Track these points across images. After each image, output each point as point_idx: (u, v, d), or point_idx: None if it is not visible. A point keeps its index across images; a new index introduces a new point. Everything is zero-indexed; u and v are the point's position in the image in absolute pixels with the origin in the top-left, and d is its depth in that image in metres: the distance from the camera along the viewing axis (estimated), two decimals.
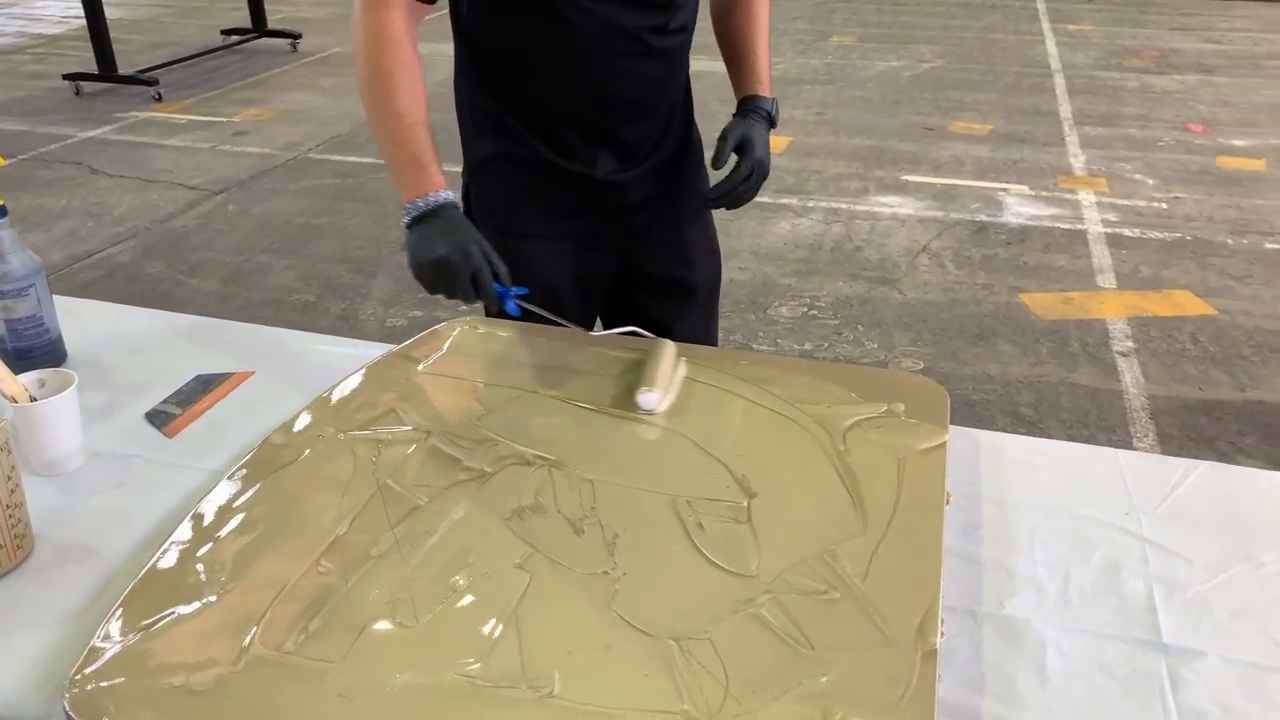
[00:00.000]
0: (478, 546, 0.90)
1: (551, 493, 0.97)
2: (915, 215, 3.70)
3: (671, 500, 0.95)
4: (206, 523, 0.93)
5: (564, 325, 1.23)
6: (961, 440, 1.11)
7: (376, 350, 1.26)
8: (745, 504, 0.95)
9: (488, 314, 1.29)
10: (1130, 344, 2.77)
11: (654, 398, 1.09)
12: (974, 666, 0.84)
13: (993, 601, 0.91)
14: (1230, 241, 3.43)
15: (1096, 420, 2.42)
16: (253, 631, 0.80)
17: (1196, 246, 3.38)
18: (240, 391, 1.23)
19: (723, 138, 1.32)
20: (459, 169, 1.36)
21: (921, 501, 0.95)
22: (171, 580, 0.87)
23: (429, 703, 0.75)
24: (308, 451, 1.03)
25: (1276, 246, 3.38)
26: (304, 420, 1.09)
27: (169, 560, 0.89)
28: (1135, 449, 2.29)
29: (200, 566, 0.88)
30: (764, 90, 1.38)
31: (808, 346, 2.78)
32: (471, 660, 0.78)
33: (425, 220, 1.15)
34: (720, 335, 1.61)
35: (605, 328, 1.36)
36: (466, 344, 1.25)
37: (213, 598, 0.84)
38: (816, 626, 0.81)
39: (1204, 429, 2.40)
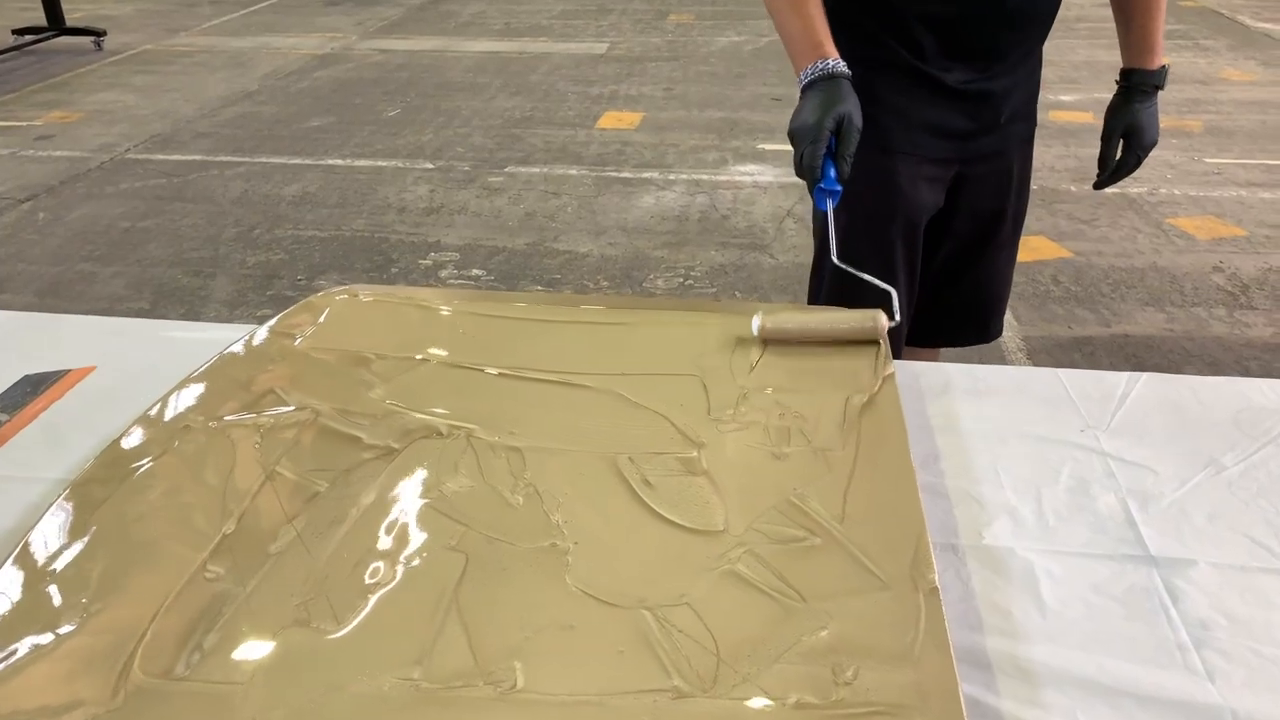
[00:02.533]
0: (399, 532, 0.76)
1: (475, 464, 0.84)
2: (776, 182, 3.68)
3: (611, 460, 0.84)
4: (56, 537, 0.76)
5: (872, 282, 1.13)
6: (901, 373, 1.04)
7: (235, 332, 1.10)
8: (695, 454, 0.85)
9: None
10: None
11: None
12: (967, 603, 0.76)
13: (970, 533, 0.84)
14: (1074, 189, 3.56)
15: (979, 362, 2.43)
16: (129, 657, 0.65)
17: (1044, 195, 3.49)
18: (80, 390, 1.04)
19: (1109, 131, 1.38)
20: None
21: (882, 435, 0.88)
22: (18, 611, 0.70)
23: (370, 717, 0.61)
24: (176, 444, 0.87)
25: (1114, 191, 3.52)
26: (165, 410, 0.92)
27: (10, 585, 0.72)
28: None
29: (53, 589, 0.71)
30: (1155, 61, 1.34)
31: None
32: (413, 662, 0.65)
33: (813, 87, 1.14)
34: None
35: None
36: (347, 313, 1.10)
37: (72, 625, 0.68)
38: (802, 577, 0.71)
39: (1078, 364, 2.45)
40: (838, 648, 0.65)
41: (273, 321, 1.08)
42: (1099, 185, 1.45)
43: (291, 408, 0.92)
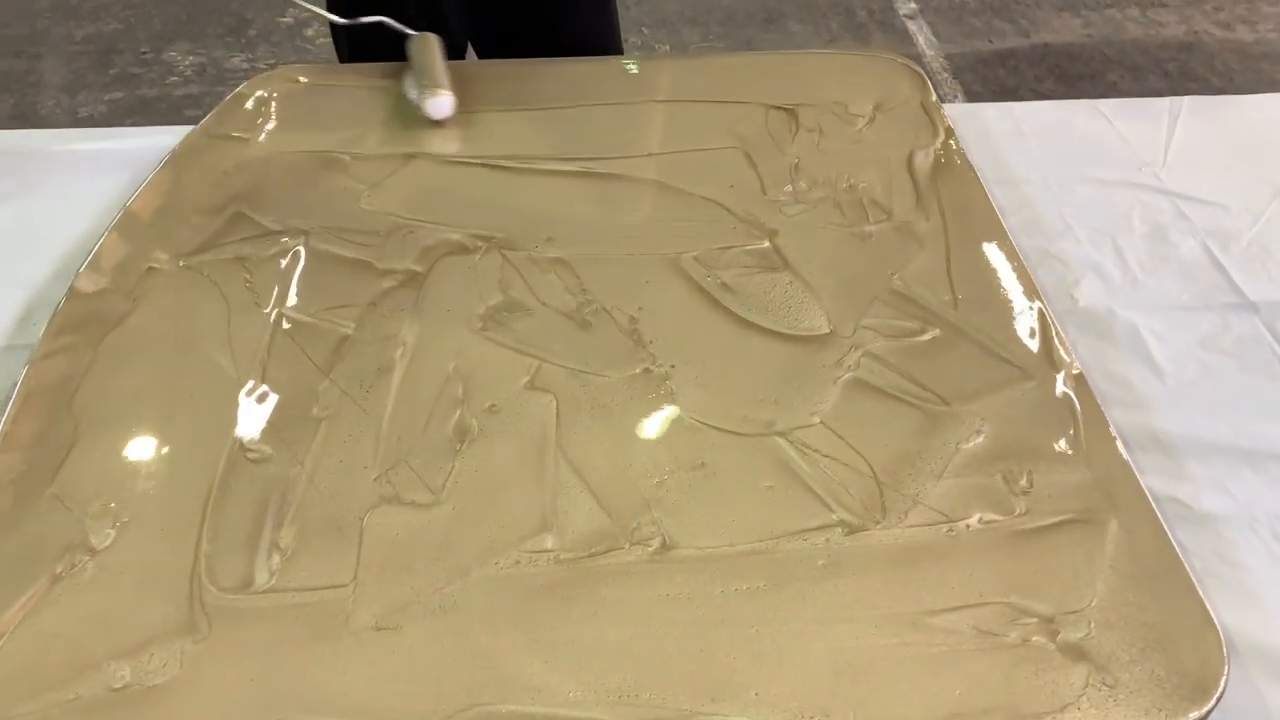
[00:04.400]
0: (464, 373, 0.65)
1: (521, 282, 0.72)
2: None
3: (673, 262, 0.73)
4: (33, 435, 0.62)
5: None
6: None
7: (147, 138, 0.91)
8: (767, 243, 0.74)
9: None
10: (914, 5, 2.68)
11: (447, 100, 0.88)
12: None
13: (1062, 296, 0.77)
14: None
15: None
16: (191, 574, 0.54)
17: None
18: None
19: None
20: None
21: (964, 197, 0.79)
22: (27, 539, 0.57)
23: (512, 601, 0.53)
24: (143, 293, 0.71)
25: None
26: (111, 251, 0.75)
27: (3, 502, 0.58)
28: None
29: (57, 499, 0.58)
30: None
31: None
32: (539, 529, 0.56)
33: None
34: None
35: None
36: (296, 104, 0.92)
37: (103, 541, 0.56)
38: (935, 376, 0.64)
39: (1004, 80, 2.38)
40: (1000, 453, 0.59)
41: (206, 121, 0.89)
42: None
43: (272, 229, 0.76)
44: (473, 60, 1.02)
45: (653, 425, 0.61)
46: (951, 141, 0.84)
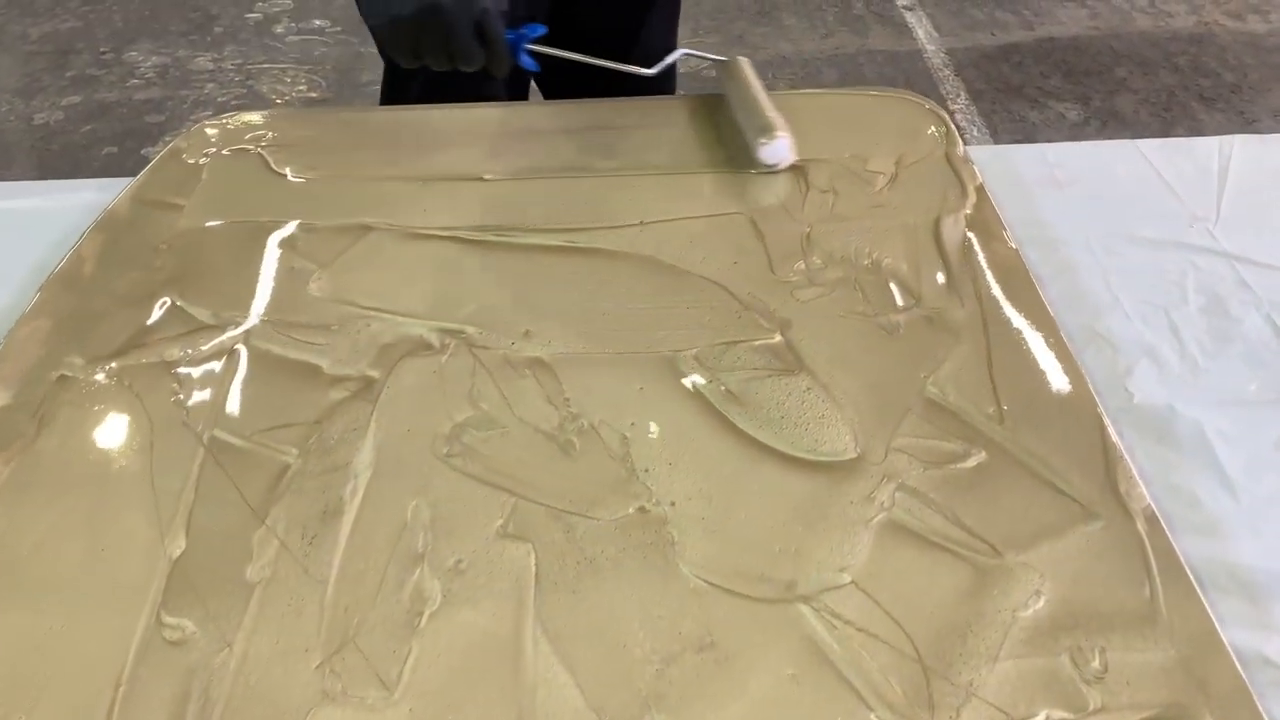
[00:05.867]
0: (424, 518, 0.55)
1: (494, 389, 0.61)
2: None
3: (670, 361, 0.63)
4: None
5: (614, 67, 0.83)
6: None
7: (67, 194, 0.80)
8: (778, 337, 0.64)
9: (472, 80, 0.79)
10: None
11: (783, 144, 0.77)
12: (1146, 489, 0.62)
13: (1114, 389, 0.68)
14: None
15: (907, 87, 2.23)
16: None
17: None
18: None
19: None
20: None
21: (1003, 275, 0.69)
22: None
23: None
24: (50, 410, 0.61)
25: None
26: (22, 353, 0.64)
27: None
28: (952, 111, 2.14)
29: None
30: None
31: None
32: None
33: None
34: None
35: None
36: (241, 161, 0.81)
37: None
38: (984, 516, 0.54)
39: (1008, 77, 2.28)
40: (1065, 622, 0.50)
41: (136, 183, 0.78)
42: None
43: (208, 324, 0.66)
44: (437, 108, 0.90)
45: (651, 588, 0.51)
46: (984, 204, 0.74)
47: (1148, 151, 0.89)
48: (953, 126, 0.83)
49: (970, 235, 0.71)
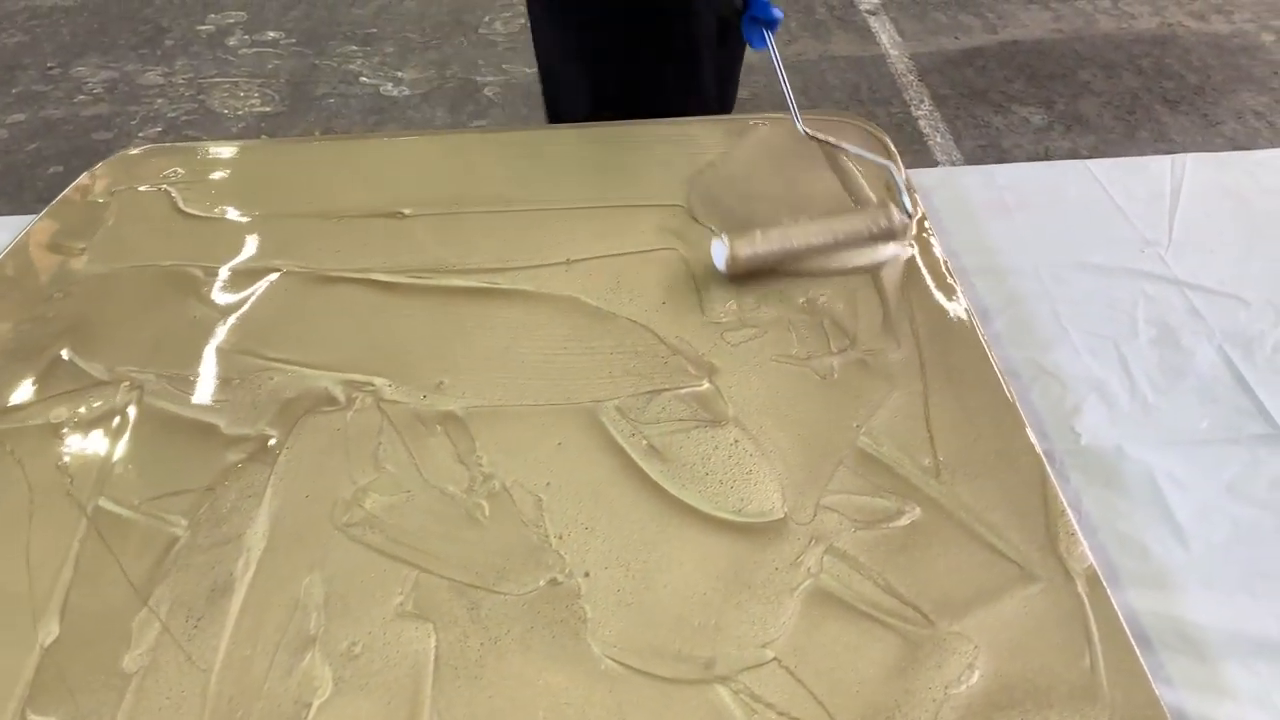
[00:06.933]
0: (317, 598, 0.51)
1: (401, 448, 0.58)
2: None
3: (591, 414, 0.59)
4: None
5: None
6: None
7: None
8: (706, 384, 0.61)
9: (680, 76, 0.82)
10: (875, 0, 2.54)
11: (720, 251, 0.68)
12: (1091, 538, 0.58)
13: (1060, 429, 0.65)
14: None
15: (870, 93, 2.21)
16: None
17: None
18: None
19: None
20: None
21: (943, 316, 0.66)
22: None
23: None
24: None
25: None
26: None
27: None
28: (915, 117, 2.11)
29: None
30: None
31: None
32: None
33: None
34: (431, 69, 1.11)
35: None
36: (149, 200, 0.77)
37: None
38: (916, 579, 0.51)
39: (972, 81, 2.25)
40: (1000, 699, 0.46)
41: (33, 223, 0.74)
42: None
43: (100, 379, 0.62)
44: (348, 138, 0.86)
45: (559, 672, 0.48)
46: (925, 234, 0.71)
47: (1099, 172, 0.86)
48: (894, 151, 0.80)
49: (910, 271, 0.68)
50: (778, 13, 0.78)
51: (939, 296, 0.66)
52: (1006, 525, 0.53)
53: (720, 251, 0.66)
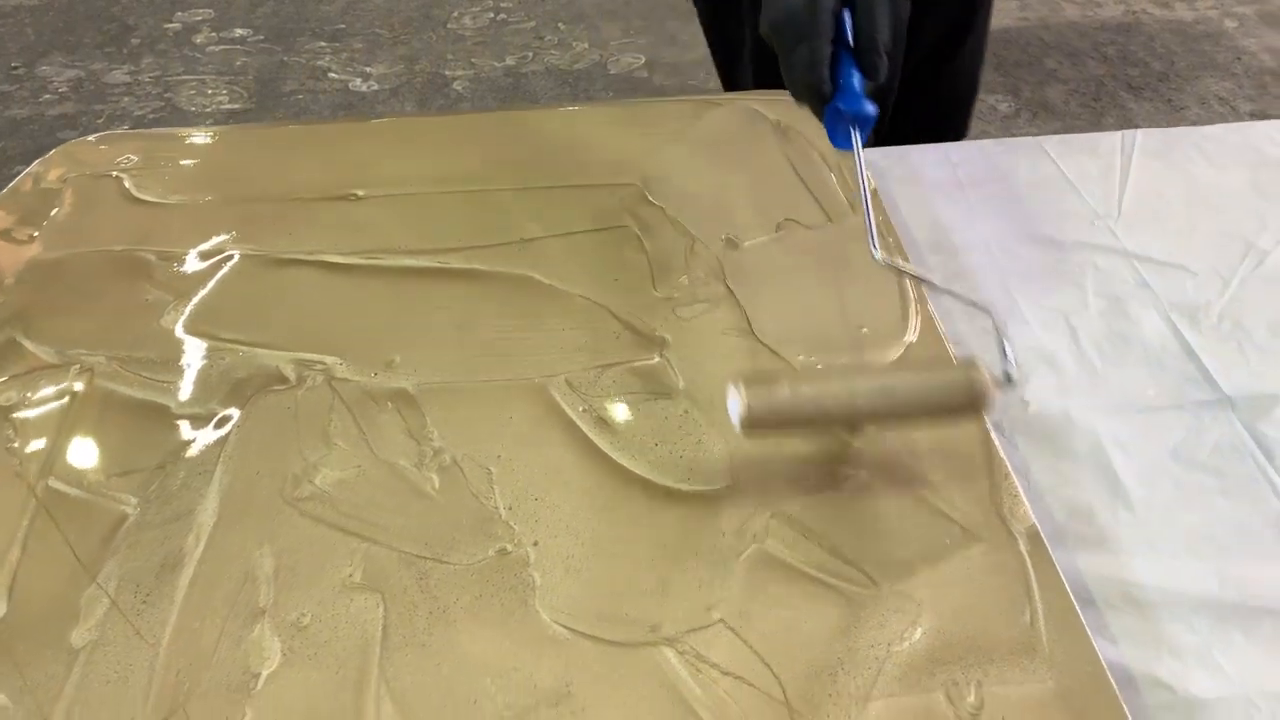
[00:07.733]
0: (267, 569, 0.51)
1: (352, 424, 0.58)
2: None
3: (540, 389, 0.60)
4: None
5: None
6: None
7: None
8: (657, 358, 0.62)
9: None
10: None
11: (734, 403, 0.52)
12: (1038, 502, 0.59)
13: (1009, 397, 0.66)
14: None
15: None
16: None
17: None
18: None
19: None
20: None
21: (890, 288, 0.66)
22: None
23: None
24: None
25: None
26: None
27: None
28: None
29: None
30: None
31: (510, 62, 2.33)
32: None
33: None
34: (400, 64, 1.13)
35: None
36: (100, 186, 0.77)
37: None
38: (859, 542, 0.52)
39: None
40: (942, 655, 0.47)
41: None
42: None
43: (51, 363, 0.62)
44: (303, 123, 0.87)
45: (507, 638, 0.48)
46: (878, 210, 0.71)
47: (1051, 149, 0.87)
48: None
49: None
50: (871, 108, 0.59)
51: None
52: (950, 488, 0.54)
53: (735, 405, 0.52)
